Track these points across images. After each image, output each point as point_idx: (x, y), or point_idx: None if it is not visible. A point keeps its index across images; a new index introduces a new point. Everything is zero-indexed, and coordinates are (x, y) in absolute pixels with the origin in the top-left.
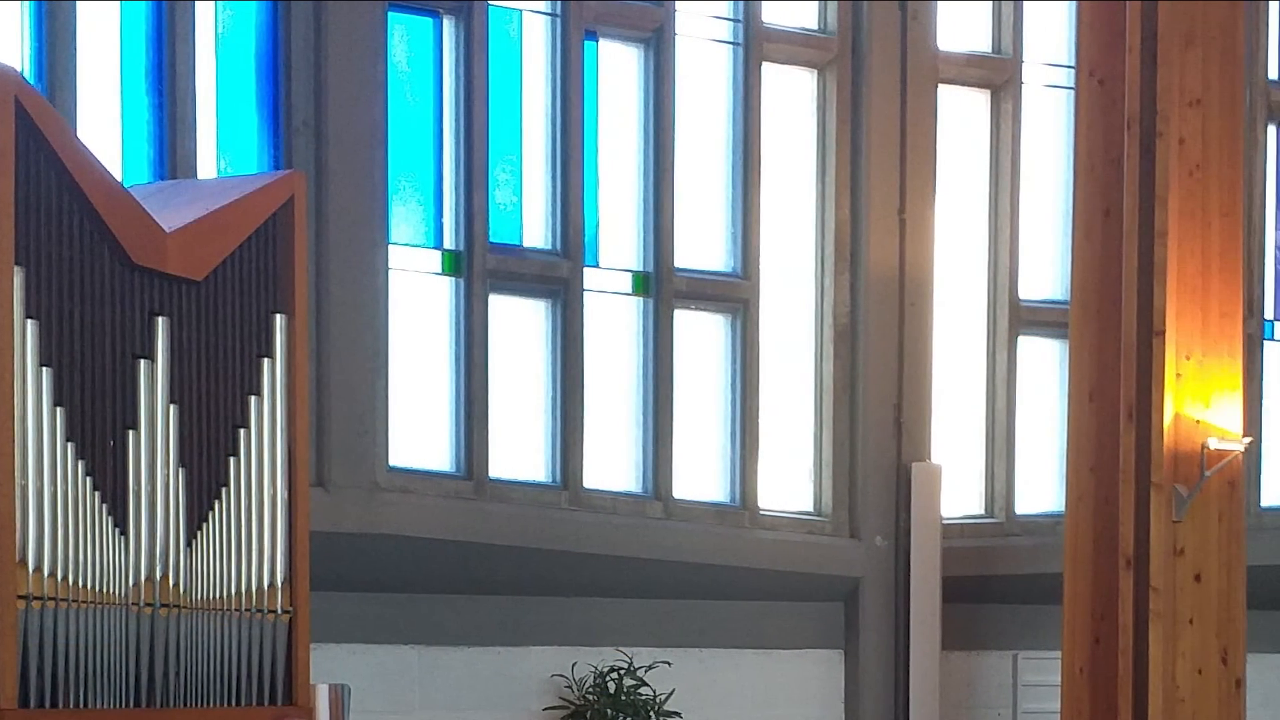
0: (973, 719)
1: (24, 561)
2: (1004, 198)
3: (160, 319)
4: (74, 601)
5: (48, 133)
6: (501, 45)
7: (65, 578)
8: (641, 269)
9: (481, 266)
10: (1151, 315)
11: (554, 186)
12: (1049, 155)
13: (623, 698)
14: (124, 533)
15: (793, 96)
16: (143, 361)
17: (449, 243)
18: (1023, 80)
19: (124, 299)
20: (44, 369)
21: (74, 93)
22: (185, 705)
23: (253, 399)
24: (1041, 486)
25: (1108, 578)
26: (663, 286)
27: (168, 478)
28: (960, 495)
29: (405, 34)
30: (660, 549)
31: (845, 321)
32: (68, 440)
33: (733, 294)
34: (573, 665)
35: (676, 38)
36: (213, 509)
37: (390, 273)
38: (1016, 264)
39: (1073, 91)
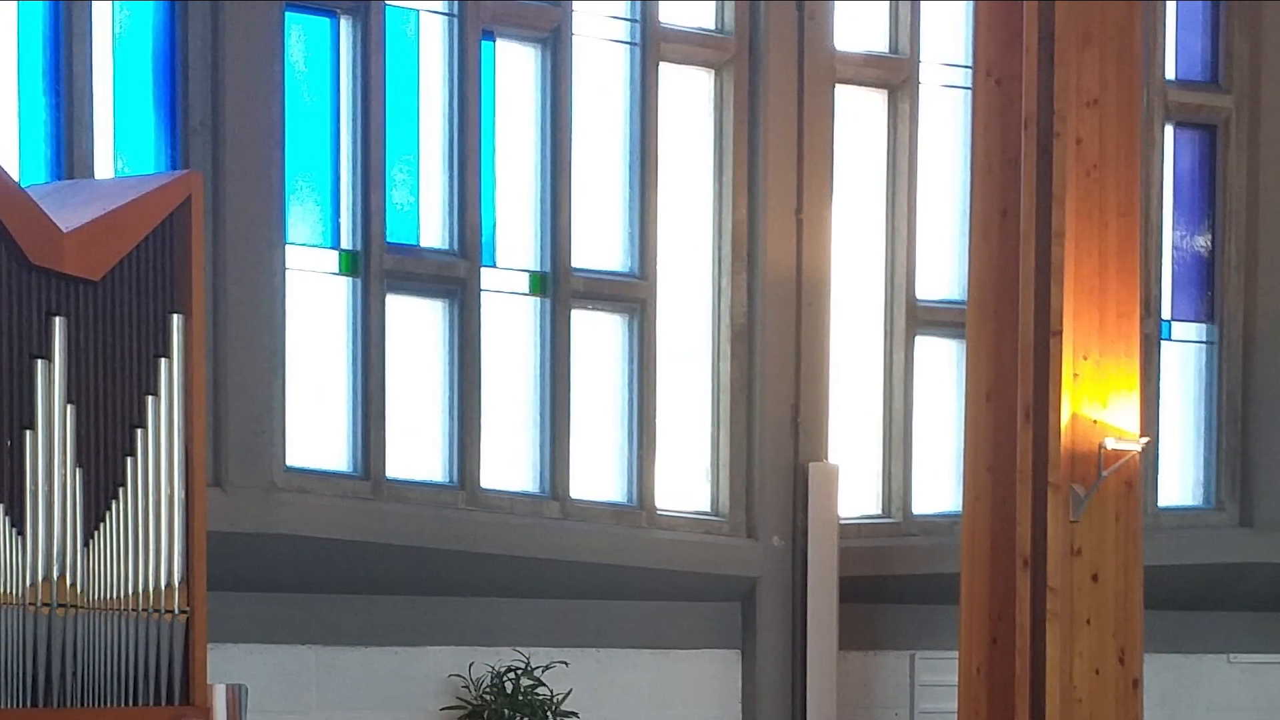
0: (870, 719)
1: None
2: (901, 198)
3: (57, 319)
4: None
5: None
6: (399, 45)
7: None
8: (539, 269)
9: (378, 266)
10: (1049, 315)
11: (451, 186)
12: (946, 155)
13: (520, 698)
14: (21, 533)
15: (690, 96)
16: (40, 361)
17: (346, 243)
18: (920, 80)
19: (21, 299)
20: None
21: None
22: (83, 705)
23: (150, 399)
24: (939, 486)
25: (1005, 578)
26: (560, 286)
27: (65, 478)
28: (857, 495)
29: (302, 34)
30: (557, 549)
31: (742, 321)
32: None
33: (630, 294)
34: (470, 665)
35: (574, 38)
36: (110, 509)
37: (287, 273)
38: (914, 264)
39: (970, 91)
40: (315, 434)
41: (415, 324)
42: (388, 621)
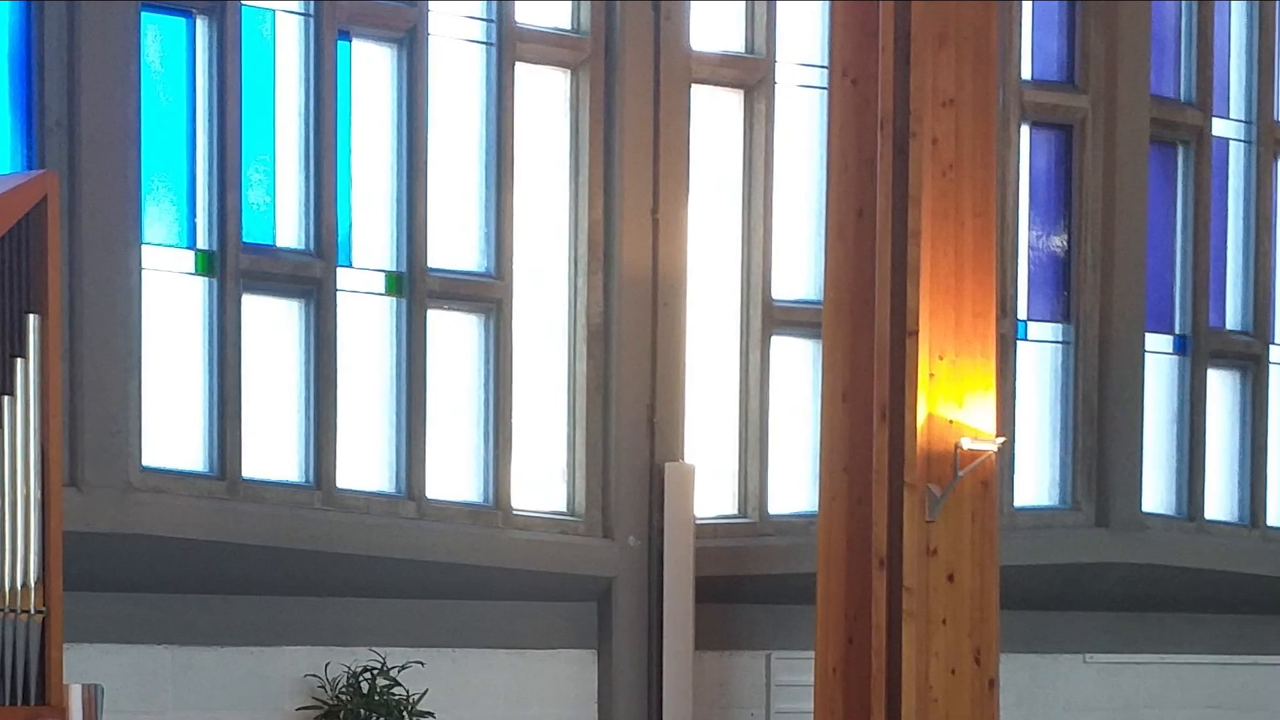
0: (726, 719)
1: None
2: (757, 198)
3: None
4: None
5: None
6: (255, 45)
7: None
8: (395, 269)
9: (234, 266)
10: (905, 315)
11: (307, 186)
12: (802, 155)
13: (376, 698)
14: None
15: (546, 96)
16: None
17: (202, 243)
18: (776, 80)
19: None
20: None
21: None
22: None
23: (5, 399)
24: (795, 487)
25: (861, 578)
26: (416, 286)
27: None
28: (713, 495)
29: (159, 34)
30: (413, 549)
31: (598, 321)
32: None
33: (486, 294)
34: (326, 665)
35: (430, 38)
36: None
37: (143, 273)
38: (770, 264)
39: (826, 92)
40: (171, 434)
41: (271, 324)
42: (244, 621)
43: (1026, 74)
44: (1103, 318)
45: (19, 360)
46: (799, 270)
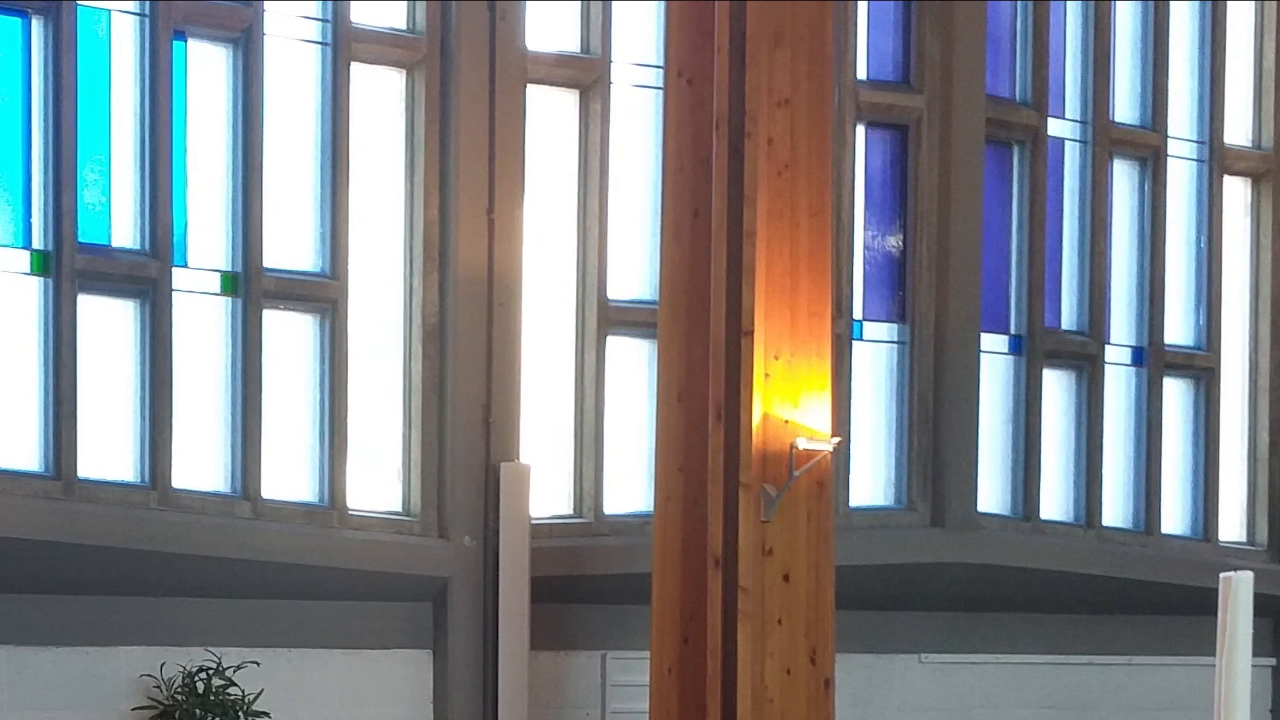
0: (561, 719)
1: None
2: (593, 198)
3: None
4: None
5: None
6: (90, 45)
7: None
8: (230, 269)
9: (70, 266)
10: (740, 315)
11: (143, 186)
12: (638, 155)
13: (211, 698)
14: None
15: (382, 96)
16: None
17: (37, 243)
18: (611, 80)
19: None
20: None
21: None
22: None
23: None
24: (630, 486)
25: (697, 578)
26: (251, 286)
27: None
28: (549, 495)
29: None
30: (249, 549)
31: (434, 321)
32: None
33: (321, 294)
34: (161, 665)
35: (265, 38)
36: None
37: None
38: (605, 264)
39: (661, 92)
40: (6, 434)
41: (107, 324)
42: (79, 621)
43: (862, 74)
44: (938, 318)
45: None
46: (634, 270)
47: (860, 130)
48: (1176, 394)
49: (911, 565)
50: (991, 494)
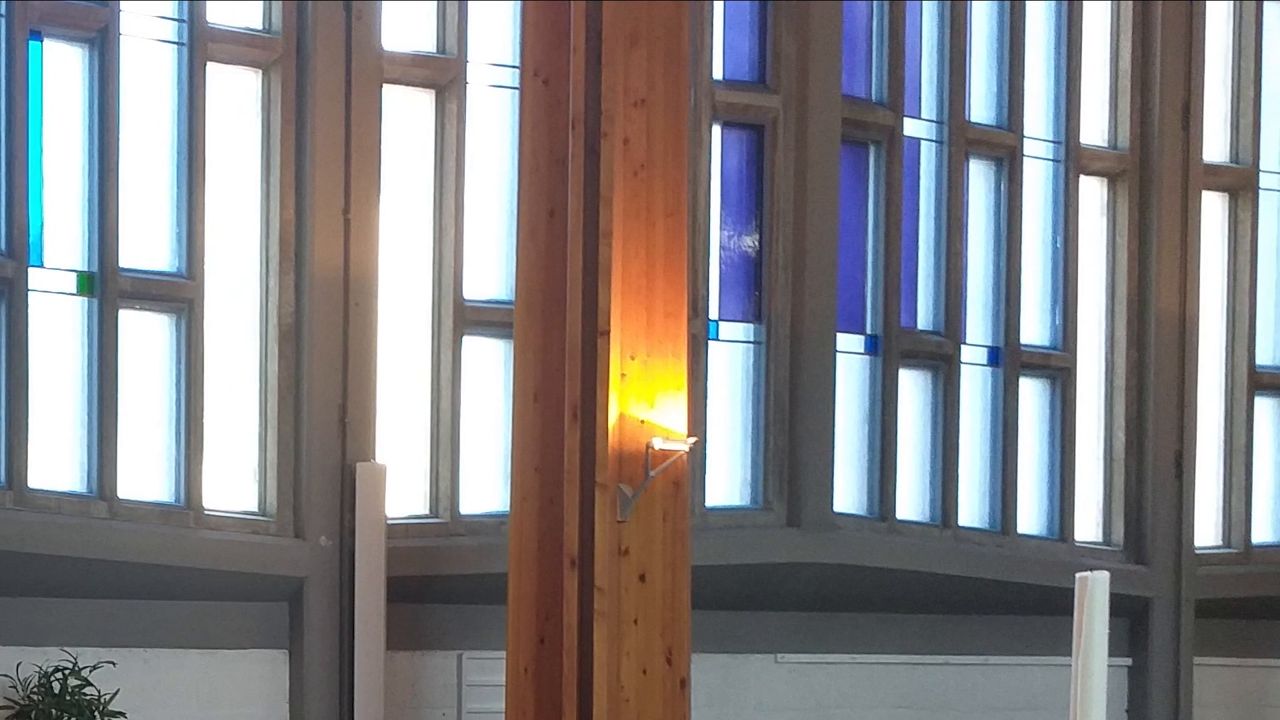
0: (417, 719)
1: None
2: (449, 198)
3: None
4: None
5: None
6: None
7: None
8: (86, 269)
9: None
10: (596, 315)
11: None
12: (494, 155)
13: (67, 698)
14: None
15: (238, 96)
16: None
17: None
18: (467, 80)
19: None
20: None
21: None
22: None
23: None
24: (487, 486)
25: (553, 578)
26: (107, 286)
27: None
28: (405, 495)
29: None
30: (105, 549)
31: (290, 321)
32: None
33: (178, 294)
34: (17, 665)
35: (121, 37)
36: None
37: None
38: (461, 264)
39: (518, 91)
40: None
41: None
42: None
43: (718, 74)
44: (794, 318)
45: None
46: (491, 270)
47: (716, 130)
48: (1032, 394)
49: (767, 565)
50: (847, 494)
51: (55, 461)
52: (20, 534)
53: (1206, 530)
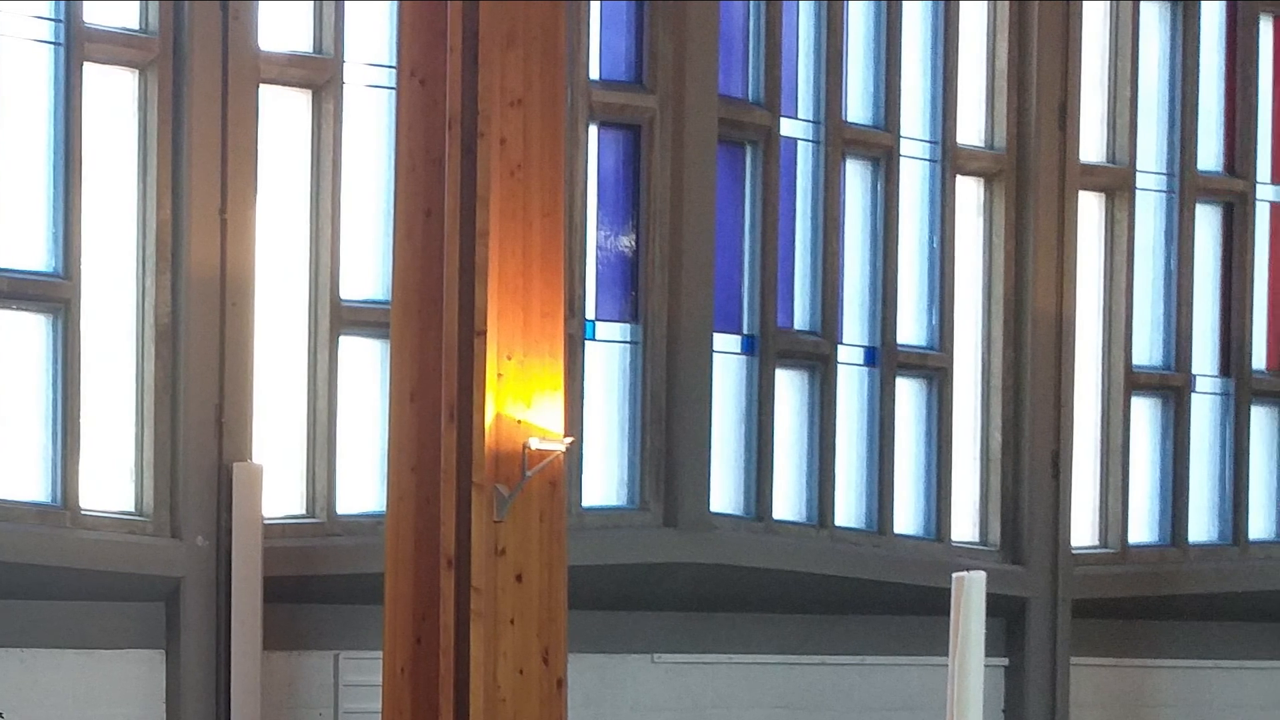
0: (294, 719)
1: None
2: (326, 198)
3: None
4: None
5: None
6: None
7: None
8: None
9: None
10: (473, 315)
11: None
12: (371, 155)
13: None
14: None
15: (115, 96)
16: None
17: None
18: (344, 80)
19: None
20: None
21: None
22: None
23: None
24: (364, 486)
25: (429, 578)
26: None
27: None
28: (282, 495)
29: None
30: None
31: (167, 322)
32: None
33: (54, 294)
34: None
35: None
36: None
37: None
38: (338, 264)
39: (394, 92)
40: None
41: None
42: None
43: (595, 74)
44: (671, 318)
45: None
46: (367, 270)
47: (593, 130)
48: (909, 394)
49: (644, 565)
50: (724, 494)
51: None
52: None
53: (1083, 530)
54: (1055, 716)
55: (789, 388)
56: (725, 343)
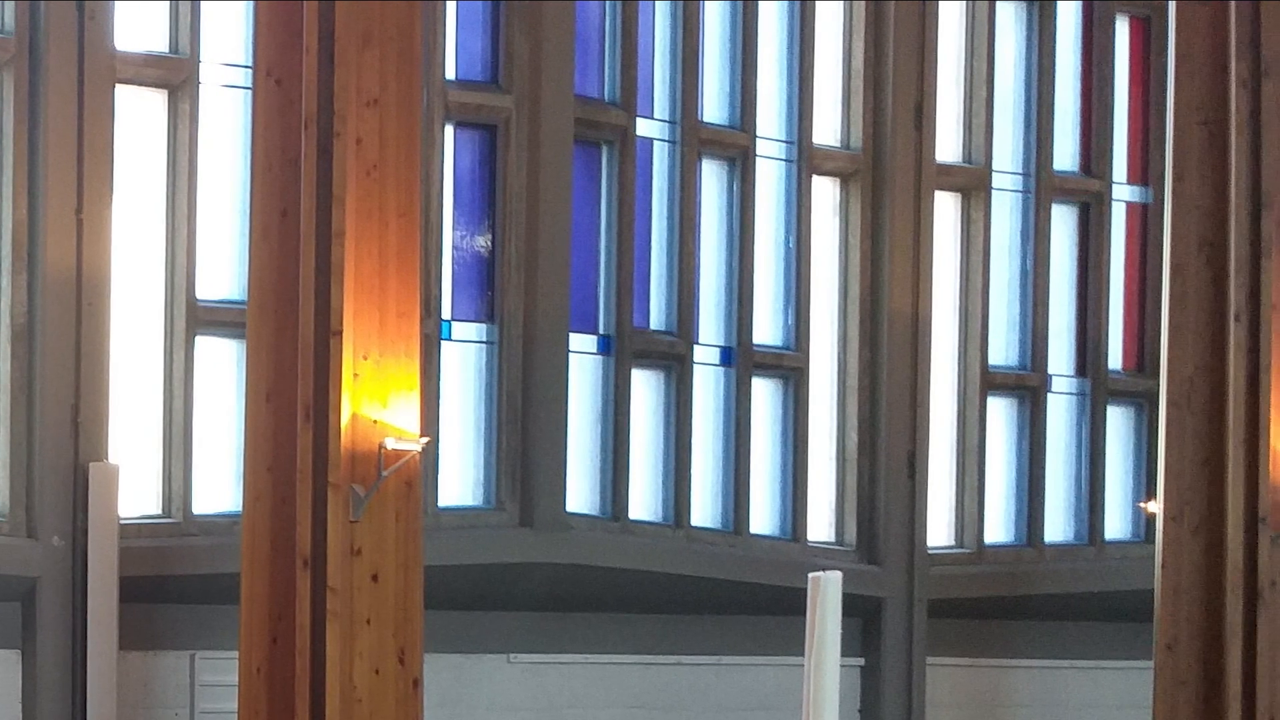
0: (151, 719)
1: None
2: (182, 198)
3: None
4: None
5: None
6: None
7: None
8: None
9: None
10: (329, 315)
11: None
12: (228, 155)
13: None
14: None
15: None
16: None
17: None
18: (200, 80)
19: None
20: None
21: None
22: None
23: None
24: (220, 486)
25: (285, 577)
26: None
27: None
28: (138, 495)
29: None
30: None
31: (22, 322)
32: None
33: None
34: None
35: None
36: None
37: None
38: (194, 264)
39: (251, 92)
40: None
41: None
42: None
43: (451, 74)
44: (527, 318)
45: None
46: (224, 270)
47: (449, 130)
48: (765, 394)
49: (500, 565)
50: (580, 494)
51: None
52: None
53: (939, 530)
54: (911, 716)
55: (645, 387)
56: (581, 343)
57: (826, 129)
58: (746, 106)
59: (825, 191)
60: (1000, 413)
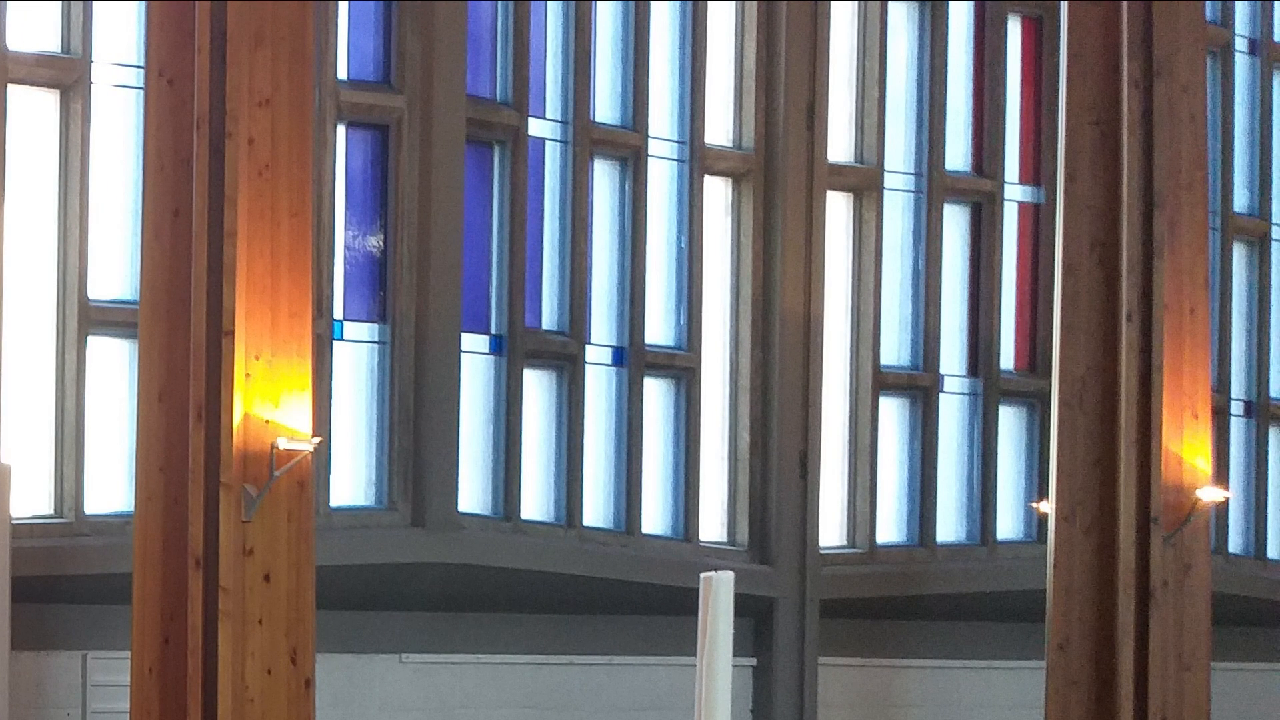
0: (42, 719)
1: None
2: (74, 198)
3: None
4: None
5: None
6: None
7: None
8: None
9: None
10: (221, 315)
11: None
12: (120, 155)
13: None
14: None
15: None
16: None
17: None
18: (92, 80)
19: None
20: None
21: None
22: None
23: None
24: (112, 487)
25: (178, 578)
26: None
27: None
28: (30, 495)
29: None
30: None
31: None
32: None
33: None
34: None
35: None
36: None
37: None
38: (86, 264)
39: (143, 91)
40: None
41: None
42: None
43: (343, 74)
44: (419, 318)
45: None
46: (116, 270)
47: (341, 130)
48: (657, 394)
49: (392, 565)
50: (472, 494)
51: None
52: None
53: (831, 530)
54: (803, 716)
55: (537, 387)
56: (473, 343)
57: (718, 129)
58: (638, 106)
59: (717, 191)
60: (892, 412)
